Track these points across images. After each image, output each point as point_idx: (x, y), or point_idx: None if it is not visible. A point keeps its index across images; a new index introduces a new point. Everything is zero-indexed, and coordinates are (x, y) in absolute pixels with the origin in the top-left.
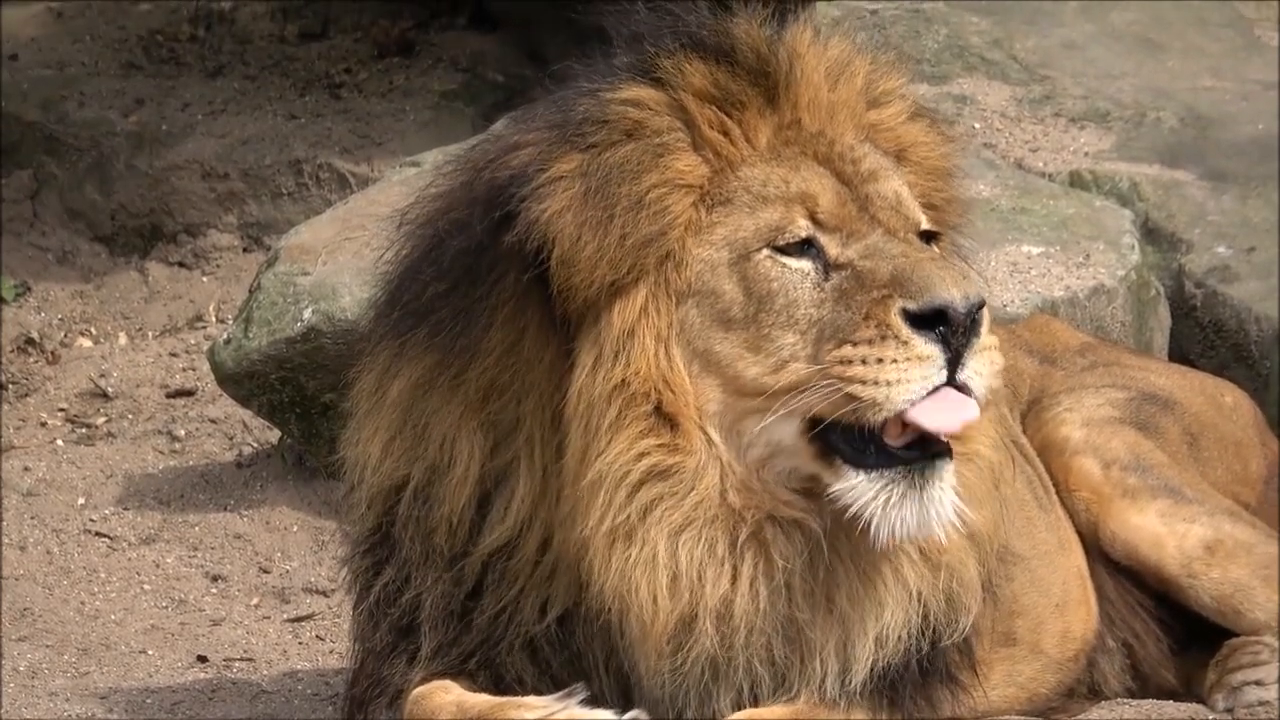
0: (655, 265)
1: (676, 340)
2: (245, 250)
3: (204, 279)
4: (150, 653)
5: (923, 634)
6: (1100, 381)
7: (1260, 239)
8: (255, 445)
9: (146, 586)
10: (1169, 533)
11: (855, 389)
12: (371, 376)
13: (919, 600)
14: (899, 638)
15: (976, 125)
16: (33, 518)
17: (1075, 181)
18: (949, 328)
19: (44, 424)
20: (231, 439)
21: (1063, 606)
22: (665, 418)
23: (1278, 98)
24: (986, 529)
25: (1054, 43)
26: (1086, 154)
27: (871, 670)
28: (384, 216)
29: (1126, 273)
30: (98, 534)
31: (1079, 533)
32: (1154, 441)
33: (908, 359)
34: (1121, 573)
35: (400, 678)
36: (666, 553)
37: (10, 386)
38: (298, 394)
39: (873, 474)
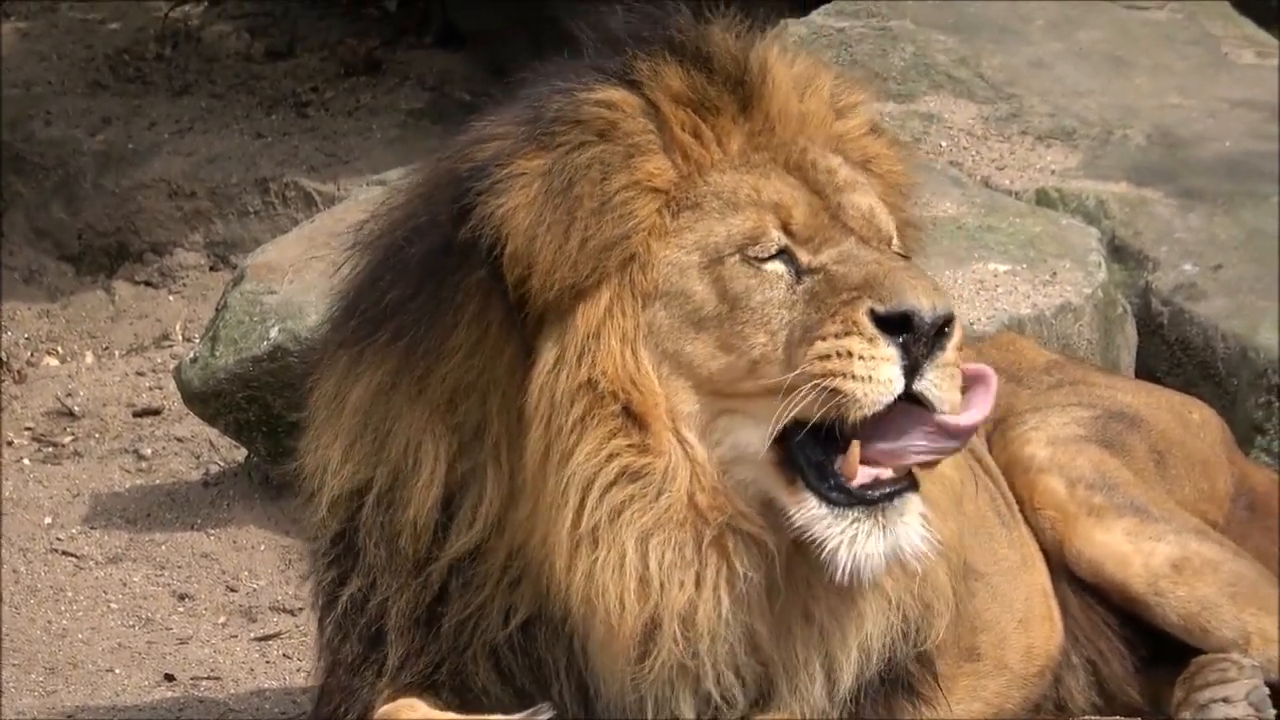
0: (618, 268)
1: (644, 342)
2: (212, 269)
3: (170, 298)
4: (117, 671)
5: (904, 639)
6: (1066, 400)
7: (1227, 256)
8: (222, 464)
9: (113, 605)
10: (1135, 551)
11: (838, 383)
12: (330, 384)
13: (898, 607)
14: (882, 645)
15: (943, 143)
16: None
17: (1042, 199)
18: (912, 335)
19: (10, 443)
20: (198, 458)
21: (1026, 622)
22: (634, 418)
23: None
24: (953, 540)
25: (1021, 61)
26: (1053, 172)
27: (858, 680)
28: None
29: (1093, 290)
30: (64, 553)
31: (1044, 551)
32: (1120, 460)
33: (873, 356)
34: (1087, 591)
35: (370, 690)
36: (636, 555)
37: None
38: (264, 413)
39: (836, 510)
